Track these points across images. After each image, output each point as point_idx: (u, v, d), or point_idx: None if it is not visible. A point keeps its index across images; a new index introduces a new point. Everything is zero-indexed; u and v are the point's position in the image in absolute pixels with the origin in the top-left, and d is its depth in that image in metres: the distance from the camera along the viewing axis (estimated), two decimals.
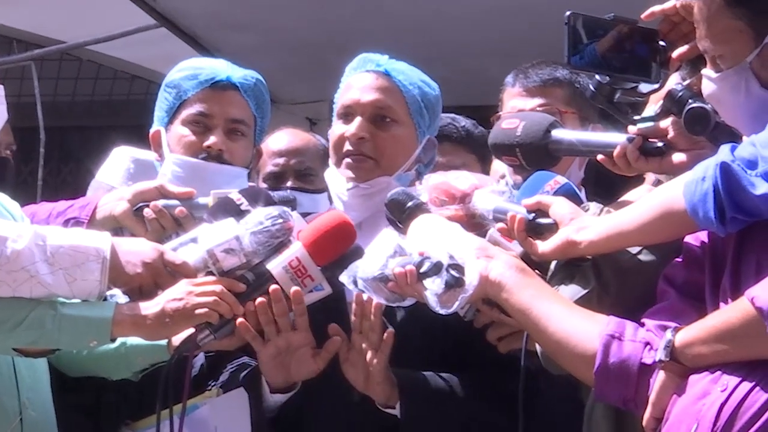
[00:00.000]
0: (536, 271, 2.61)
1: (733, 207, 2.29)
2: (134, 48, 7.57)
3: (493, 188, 2.81)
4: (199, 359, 3.15)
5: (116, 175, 3.83)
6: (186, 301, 2.72)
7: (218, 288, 2.74)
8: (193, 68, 3.43)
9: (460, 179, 2.83)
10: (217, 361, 3.12)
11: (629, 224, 2.48)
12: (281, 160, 3.99)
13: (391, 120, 3.20)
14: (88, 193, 3.76)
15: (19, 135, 7.66)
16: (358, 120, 3.18)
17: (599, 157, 2.77)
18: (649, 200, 2.48)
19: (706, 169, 2.33)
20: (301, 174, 3.99)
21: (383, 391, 2.91)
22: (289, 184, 3.96)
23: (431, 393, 2.95)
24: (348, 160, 3.18)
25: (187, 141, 3.36)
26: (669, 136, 2.67)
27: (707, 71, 2.47)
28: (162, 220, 3.11)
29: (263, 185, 3.94)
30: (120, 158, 3.88)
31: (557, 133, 2.86)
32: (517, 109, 3.31)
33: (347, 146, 3.18)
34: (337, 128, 3.22)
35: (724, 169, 2.29)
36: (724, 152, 2.32)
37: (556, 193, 2.74)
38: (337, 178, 3.21)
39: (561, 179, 2.79)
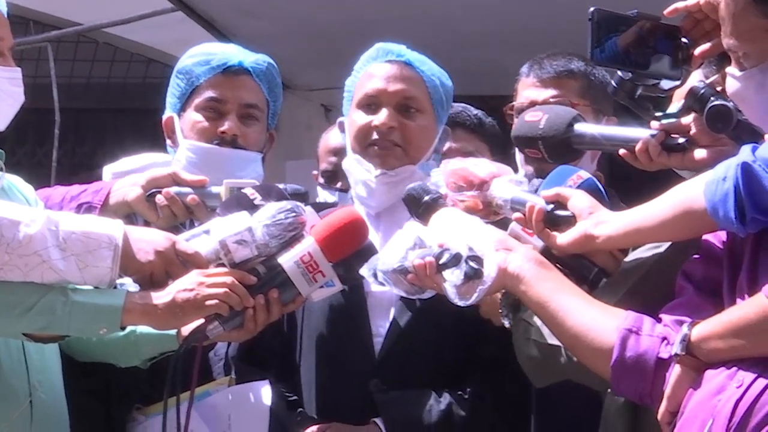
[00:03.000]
0: (557, 265, 2.60)
1: (753, 207, 2.28)
2: (151, 31, 7.56)
3: (512, 178, 2.80)
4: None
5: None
6: (197, 291, 2.71)
7: (229, 279, 2.73)
8: (205, 54, 3.41)
9: (480, 166, 2.83)
10: None
11: (648, 221, 2.48)
12: (335, 159, 3.99)
13: (416, 109, 3.23)
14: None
15: (35, 116, 7.69)
16: (385, 109, 3.18)
17: (621, 151, 2.75)
18: (670, 198, 2.47)
19: (727, 169, 2.32)
20: (331, 175, 3.99)
21: None
22: (339, 185, 3.95)
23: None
24: (376, 148, 3.19)
25: (200, 127, 3.35)
26: (691, 133, 2.66)
27: (732, 69, 2.45)
28: (173, 207, 3.10)
29: (321, 180, 3.93)
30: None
31: (580, 127, 2.85)
32: (530, 99, 3.32)
33: (374, 135, 3.19)
34: (360, 117, 3.23)
35: (745, 169, 2.29)
36: (745, 152, 2.32)
37: (579, 187, 2.73)
38: (362, 165, 3.20)
39: (584, 174, 2.78)
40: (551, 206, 2.66)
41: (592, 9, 2.70)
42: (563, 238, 2.60)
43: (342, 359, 3.12)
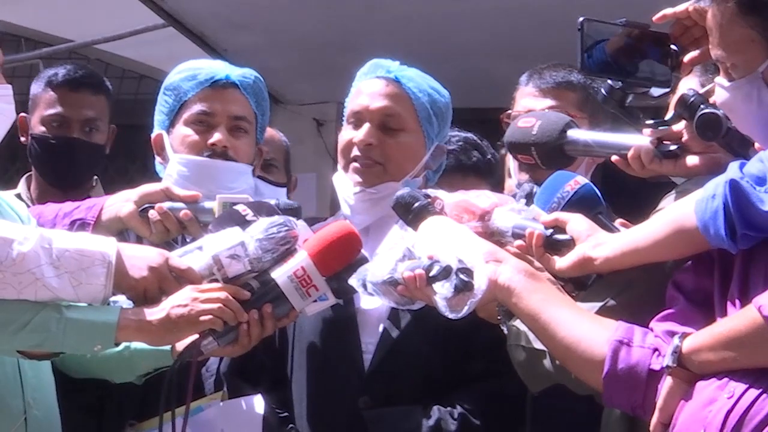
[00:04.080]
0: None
1: (743, 224, 2.30)
2: (142, 47, 7.56)
3: (513, 206, 2.79)
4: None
5: None
6: (191, 307, 2.71)
7: (223, 295, 2.73)
8: (192, 69, 3.43)
9: (481, 198, 2.82)
10: None
11: (643, 241, 2.49)
12: None
13: (399, 127, 3.20)
14: None
15: None
16: (366, 126, 3.18)
17: (614, 158, 2.76)
18: (663, 217, 2.49)
19: (716, 186, 2.34)
20: (267, 164, 4.00)
21: None
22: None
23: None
24: (356, 164, 3.19)
25: (190, 141, 3.36)
26: (683, 140, 2.67)
27: (720, 79, 2.47)
28: (166, 223, 3.10)
29: None
30: None
31: (573, 134, 2.86)
32: (528, 108, 3.31)
33: (355, 151, 3.19)
34: (346, 133, 3.23)
35: (734, 186, 2.30)
36: (733, 169, 2.33)
37: (576, 193, 2.73)
38: (345, 182, 3.21)
39: (581, 179, 2.78)
40: (550, 231, 2.66)
41: (581, 19, 2.71)
42: (562, 262, 2.60)
43: (332, 375, 3.11)
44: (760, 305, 2.20)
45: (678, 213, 2.43)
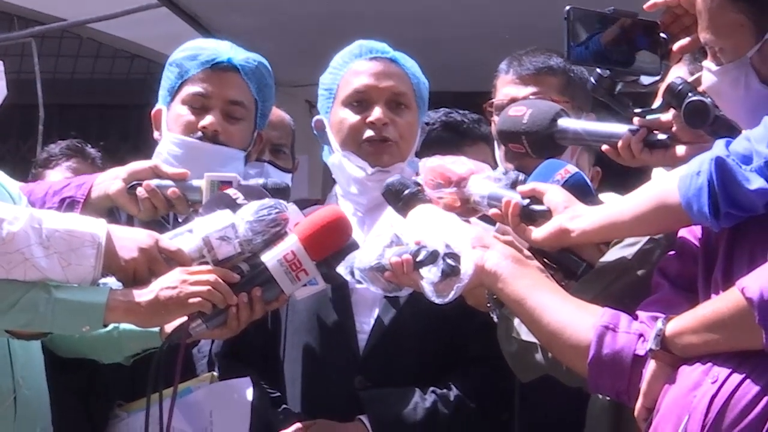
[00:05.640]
0: (544, 261, 2.61)
1: (727, 202, 2.29)
2: (135, 27, 7.55)
3: (489, 174, 2.80)
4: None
5: None
6: (180, 289, 2.71)
7: (212, 277, 2.73)
8: (196, 48, 3.42)
9: (457, 164, 2.82)
10: None
11: (623, 215, 2.48)
12: None
13: (405, 106, 3.23)
14: None
15: (19, 112, 7.67)
16: (378, 106, 3.18)
17: (603, 147, 2.77)
18: (645, 192, 2.48)
19: (701, 163, 2.33)
20: (276, 148, 3.99)
21: None
22: (265, 156, 3.94)
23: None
24: (369, 144, 3.19)
25: (184, 120, 3.35)
26: (673, 129, 2.67)
27: (708, 63, 2.46)
28: (154, 200, 3.09)
29: None
30: None
31: (563, 122, 2.86)
32: (510, 96, 3.31)
33: (368, 132, 3.19)
34: (349, 115, 3.22)
35: (719, 163, 2.29)
36: (719, 147, 2.33)
37: (566, 182, 2.73)
38: (356, 163, 3.20)
39: (572, 168, 2.78)
40: (527, 201, 2.67)
41: (567, 8, 2.71)
42: (538, 233, 2.60)
43: (326, 356, 3.12)
44: (743, 287, 2.20)
45: (661, 188, 2.43)
